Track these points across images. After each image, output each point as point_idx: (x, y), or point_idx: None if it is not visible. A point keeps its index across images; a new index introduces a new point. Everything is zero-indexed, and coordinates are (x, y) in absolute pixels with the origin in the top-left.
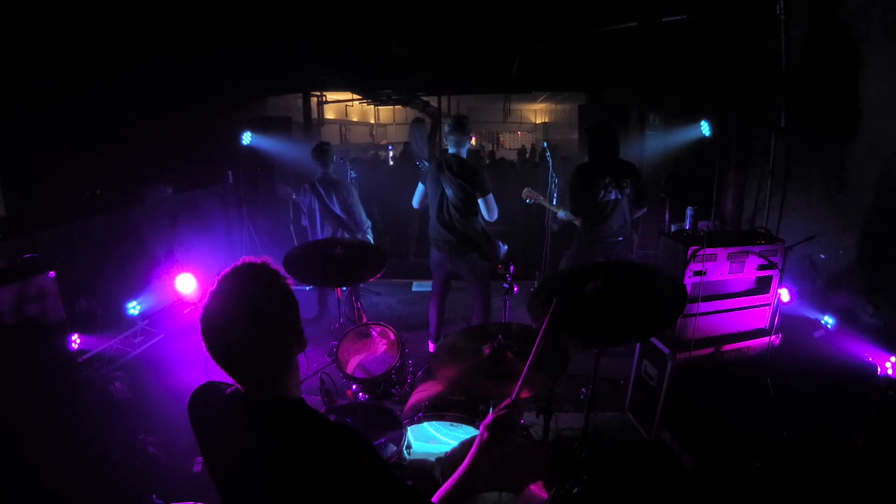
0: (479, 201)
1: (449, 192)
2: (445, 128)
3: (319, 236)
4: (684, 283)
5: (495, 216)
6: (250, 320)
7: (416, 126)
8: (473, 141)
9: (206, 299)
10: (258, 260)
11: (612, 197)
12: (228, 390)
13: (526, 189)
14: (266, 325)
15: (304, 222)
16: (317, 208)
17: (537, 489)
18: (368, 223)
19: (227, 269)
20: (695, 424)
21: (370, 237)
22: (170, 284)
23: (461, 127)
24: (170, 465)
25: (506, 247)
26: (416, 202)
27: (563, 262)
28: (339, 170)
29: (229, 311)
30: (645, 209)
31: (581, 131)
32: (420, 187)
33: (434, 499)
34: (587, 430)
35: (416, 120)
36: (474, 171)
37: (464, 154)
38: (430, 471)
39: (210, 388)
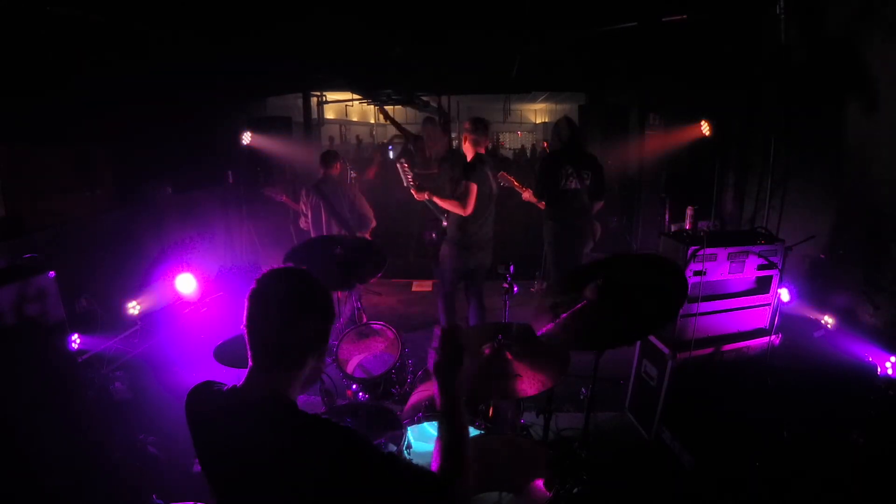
0: None
1: (492, 191)
2: (467, 128)
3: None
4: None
5: None
6: (300, 309)
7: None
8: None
9: (254, 289)
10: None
11: (573, 186)
12: (226, 388)
13: (502, 173)
14: (311, 319)
15: (303, 225)
16: (322, 209)
17: (533, 492)
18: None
19: (284, 266)
20: (695, 424)
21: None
22: (169, 284)
23: (484, 128)
24: (170, 465)
25: None
26: (470, 206)
27: (547, 250)
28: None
29: (286, 293)
30: (602, 202)
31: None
32: (472, 188)
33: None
34: (587, 430)
35: (429, 119)
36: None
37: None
38: None
39: (208, 388)
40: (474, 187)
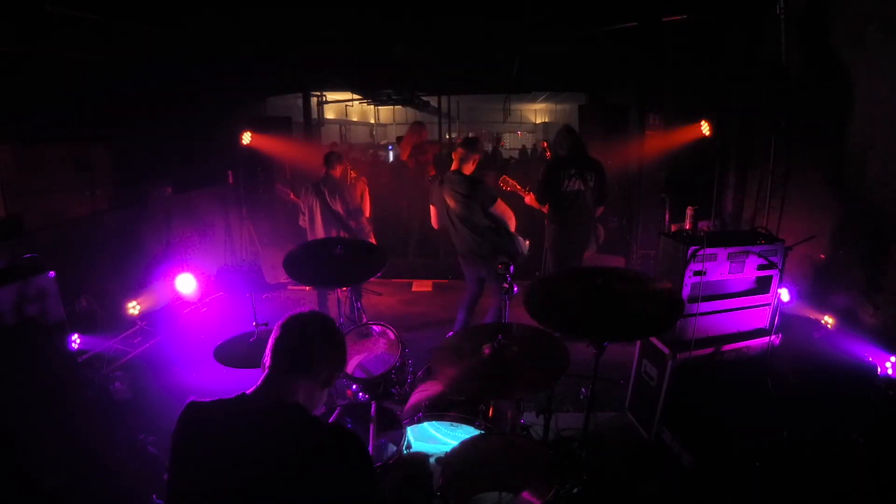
0: (492, 211)
1: (452, 207)
2: (457, 143)
3: (320, 236)
4: (683, 283)
5: (513, 222)
6: (321, 333)
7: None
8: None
9: (287, 319)
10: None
11: (576, 188)
12: (230, 398)
13: (504, 176)
14: (327, 343)
15: (301, 222)
16: (318, 208)
17: (532, 492)
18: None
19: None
20: (695, 424)
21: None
22: (169, 284)
23: (471, 145)
24: None
25: (527, 242)
26: (435, 223)
27: (547, 252)
28: None
29: (312, 322)
30: (604, 207)
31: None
32: (430, 209)
33: None
34: (587, 430)
35: (417, 123)
36: (475, 183)
37: (465, 171)
38: (424, 463)
39: (200, 403)
40: (430, 208)
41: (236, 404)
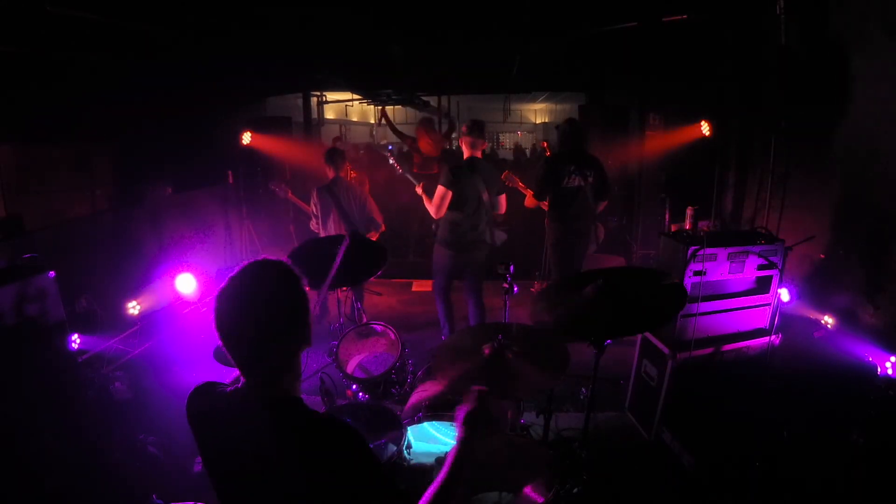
0: (498, 199)
1: (482, 194)
2: (464, 131)
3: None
4: (684, 283)
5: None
6: (265, 313)
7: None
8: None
9: (221, 289)
10: (275, 257)
11: (576, 185)
12: (229, 388)
13: (507, 172)
14: (279, 319)
15: (313, 226)
16: (331, 211)
17: (532, 492)
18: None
19: (245, 263)
20: (695, 424)
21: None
22: (169, 284)
23: (479, 130)
24: (170, 465)
25: (505, 235)
26: (440, 211)
27: (548, 251)
28: None
29: (245, 302)
30: (606, 202)
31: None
32: (443, 192)
33: (421, 502)
34: (587, 430)
35: (425, 119)
36: (495, 171)
37: (478, 156)
38: (430, 473)
39: (209, 388)
40: (444, 193)
41: (231, 397)
